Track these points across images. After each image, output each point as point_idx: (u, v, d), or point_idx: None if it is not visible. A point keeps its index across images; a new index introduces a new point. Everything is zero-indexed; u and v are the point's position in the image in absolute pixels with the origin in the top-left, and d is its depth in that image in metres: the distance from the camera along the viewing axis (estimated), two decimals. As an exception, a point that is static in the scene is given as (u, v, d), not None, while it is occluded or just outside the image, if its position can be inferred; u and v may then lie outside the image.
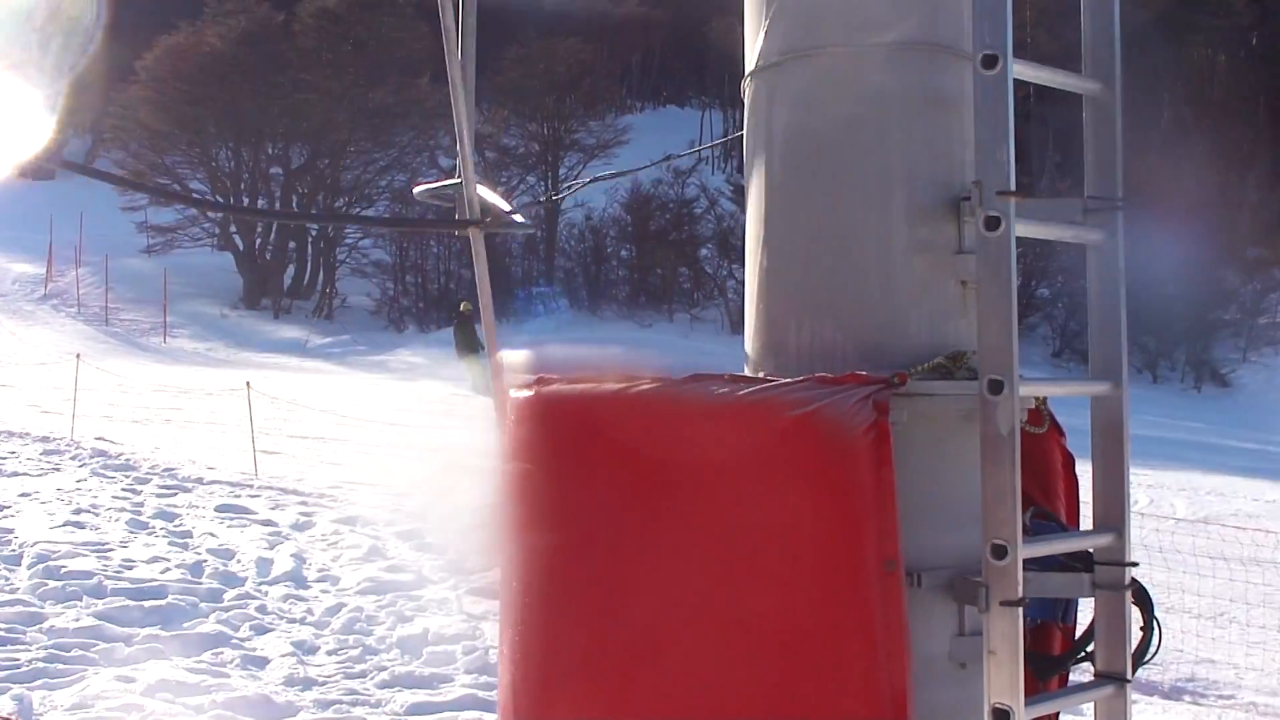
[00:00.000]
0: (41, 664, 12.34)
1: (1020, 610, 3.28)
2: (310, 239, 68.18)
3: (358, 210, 68.53)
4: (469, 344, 39.22)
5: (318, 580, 15.54)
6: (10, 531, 17.55)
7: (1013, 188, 3.31)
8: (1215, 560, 16.14)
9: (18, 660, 12.45)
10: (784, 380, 3.52)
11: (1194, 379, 49.29)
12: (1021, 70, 3.41)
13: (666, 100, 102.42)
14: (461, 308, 38.73)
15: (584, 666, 3.79)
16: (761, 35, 3.93)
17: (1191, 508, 21.92)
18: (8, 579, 15.23)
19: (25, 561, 15.88)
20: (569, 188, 27.12)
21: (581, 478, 3.81)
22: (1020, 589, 3.27)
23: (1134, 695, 11.99)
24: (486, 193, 5.98)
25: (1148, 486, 24.12)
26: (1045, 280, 53.83)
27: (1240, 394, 47.73)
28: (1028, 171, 60.66)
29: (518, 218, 5.85)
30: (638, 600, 3.66)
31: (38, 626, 13.41)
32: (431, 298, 63.94)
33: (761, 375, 3.81)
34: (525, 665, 3.95)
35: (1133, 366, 48.51)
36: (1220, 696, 12.52)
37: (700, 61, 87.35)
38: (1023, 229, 3.37)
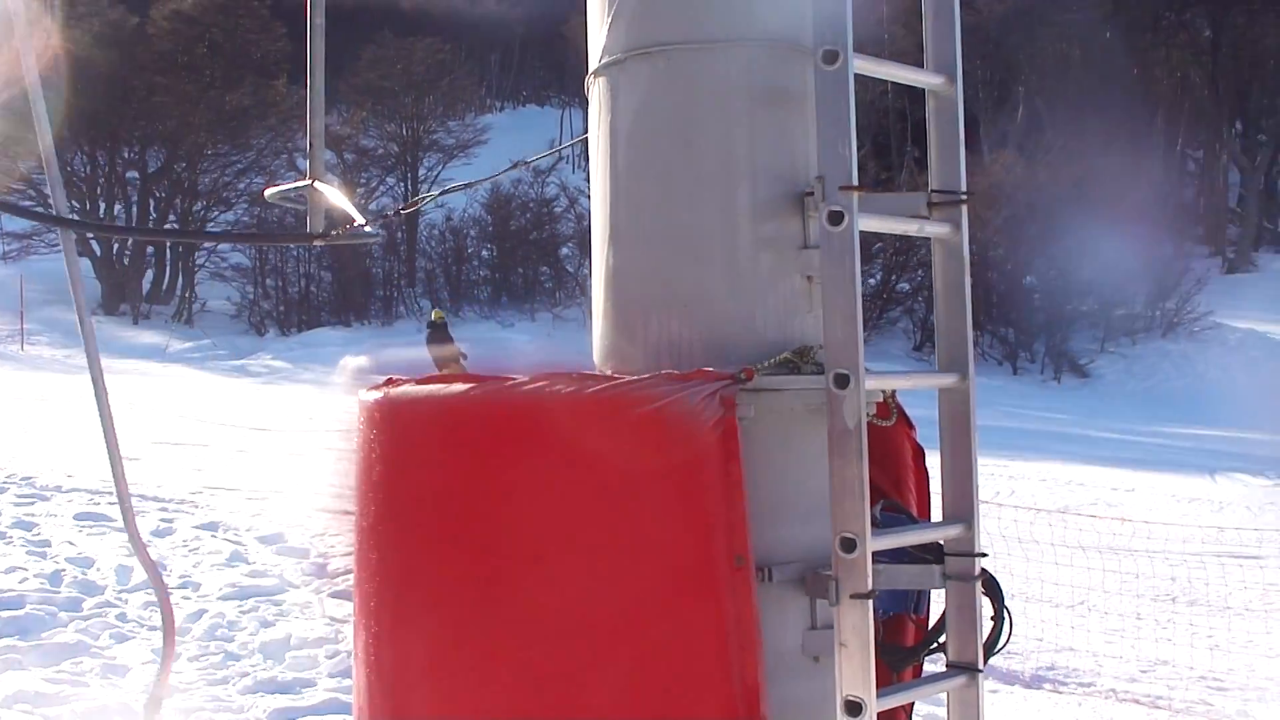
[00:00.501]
0: (-105, 677, 12.14)
1: (871, 603, 3.30)
2: (169, 244, 67.47)
3: (216, 214, 67.97)
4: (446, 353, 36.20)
5: (179, 587, 15.33)
6: None
7: (855, 182, 3.32)
8: (1074, 549, 16.34)
9: None
10: (631, 377, 3.52)
11: (1053, 370, 49.92)
12: (863, 66, 3.43)
13: (526, 100, 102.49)
14: (434, 316, 35.72)
15: (436, 669, 3.78)
16: (604, 32, 3.92)
17: (1051, 497, 22.18)
18: None
19: (-122, 575, 15.61)
20: (421, 199, 27.12)
21: (430, 479, 3.80)
22: (870, 581, 3.29)
23: (994, 685, 12.18)
24: (337, 197, 5.93)
25: (1008, 477, 24.40)
26: (905, 275, 54.26)
27: (1099, 384, 48.40)
28: (887, 166, 61.24)
29: (367, 227, 5.79)
30: (489, 601, 3.64)
31: (-108, 639, 13.18)
32: (292, 301, 63.49)
33: (609, 372, 3.81)
34: (378, 668, 3.92)
35: (992, 359, 49.41)
36: (1080, 684, 12.65)
37: (559, 60, 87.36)
38: (866, 223, 3.39)
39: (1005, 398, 42.37)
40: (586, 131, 4.16)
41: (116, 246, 66.45)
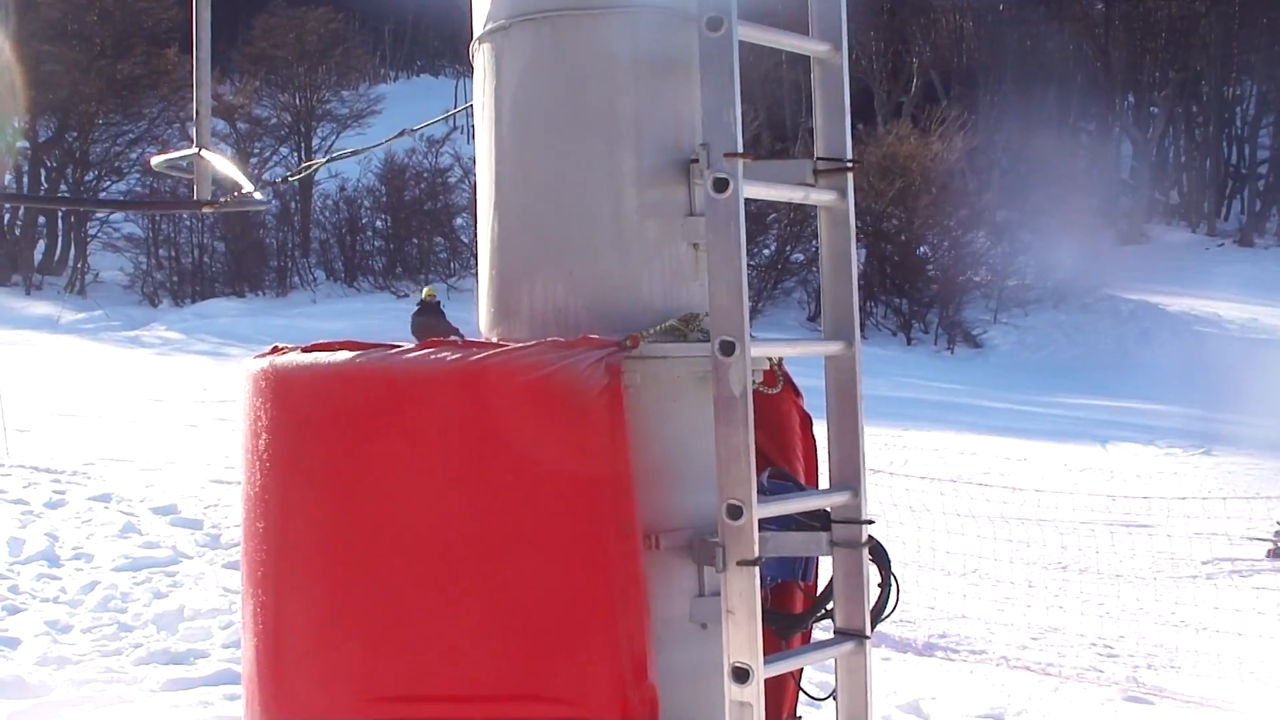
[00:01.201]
0: None
1: (757, 569, 3.30)
2: (60, 214, 66.72)
3: (108, 184, 67.21)
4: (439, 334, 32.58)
5: (71, 559, 15.19)
6: None
7: (740, 149, 3.32)
8: (966, 518, 16.45)
9: None
10: (517, 345, 3.51)
11: (947, 341, 50.22)
12: (747, 32, 3.43)
13: (420, 70, 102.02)
14: (425, 294, 32.94)
15: (320, 637, 3.76)
16: (489, -2, 3.90)
17: (944, 467, 22.32)
18: None
19: None
20: (309, 165, 26.80)
21: (314, 448, 3.77)
22: (756, 548, 3.30)
23: (887, 653, 12.25)
24: (225, 166, 5.89)
25: (901, 447, 24.54)
26: (800, 245, 54.41)
27: (991, 355, 48.79)
28: (781, 137, 61.34)
29: (256, 194, 5.75)
30: (380, 568, 3.63)
31: None
32: (185, 271, 62.91)
33: (495, 340, 3.80)
34: (265, 636, 3.91)
35: (886, 329, 49.68)
36: (972, 652, 12.75)
37: (454, 30, 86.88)
38: (751, 190, 3.39)
39: (899, 368, 42.63)
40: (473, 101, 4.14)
41: (8, 217, 65.64)
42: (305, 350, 3.85)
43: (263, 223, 61.19)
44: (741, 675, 3.29)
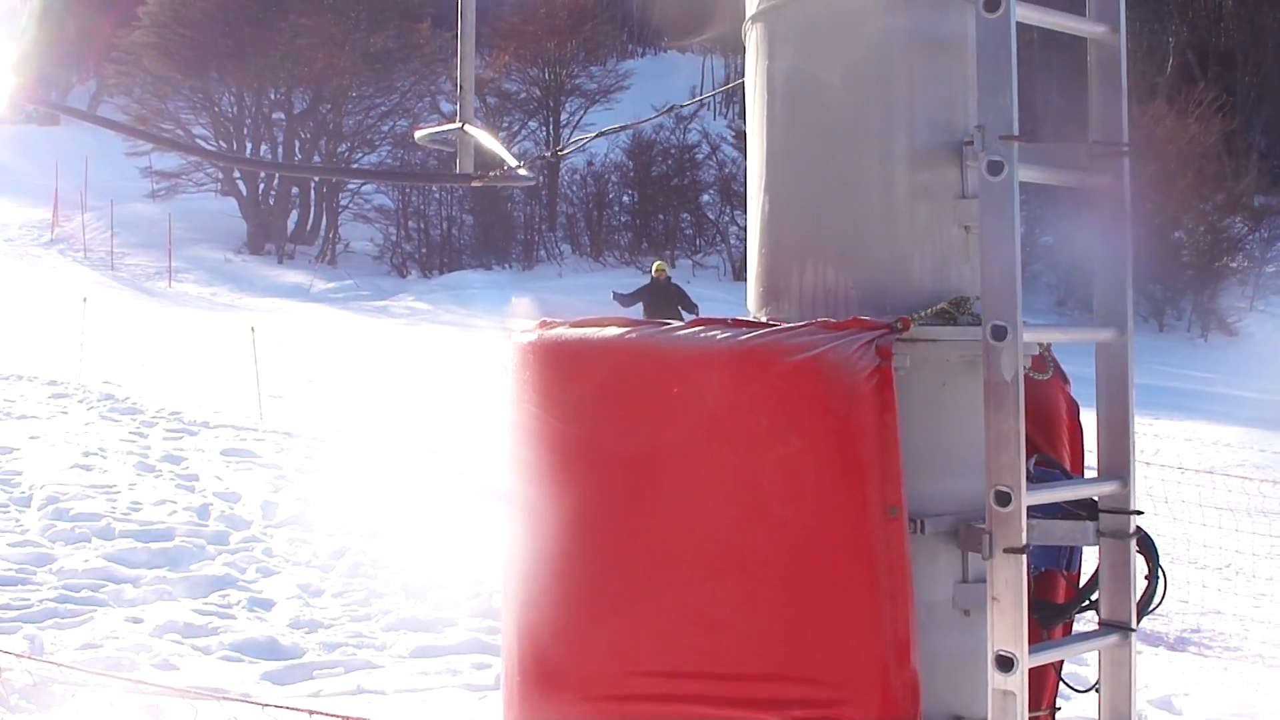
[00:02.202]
0: (52, 604, 12.37)
1: (1024, 557, 3.27)
2: (314, 185, 67.98)
3: (359, 156, 68.27)
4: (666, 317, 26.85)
5: (322, 523, 15.54)
6: (19, 474, 17.55)
7: (1016, 132, 3.28)
8: (1221, 511, 16.11)
9: (28, 600, 12.48)
10: (787, 325, 3.50)
11: (1200, 328, 49.14)
12: (1025, 14, 3.38)
13: (667, 46, 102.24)
14: (655, 270, 30.56)
15: (588, 609, 3.79)
16: (764, -23, 3.90)
17: (1197, 457, 21.90)
18: (18, 520, 15.25)
19: (35, 503, 15.89)
20: (574, 142, 26.93)
21: (583, 421, 3.80)
22: (1024, 536, 3.26)
23: (1138, 646, 12.03)
24: (489, 140, 5.94)
25: (1153, 436, 24.10)
26: (1048, 228, 53.66)
27: (1247, 343, 47.60)
28: (1030, 117, 60.35)
29: (522, 170, 5.81)
30: (643, 543, 3.66)
31: (47, 567, 13.44)
32: (434, 243, 63.80)
33: (763, 319, 3.80)
34: (531, 608, 3.95)
35: (1139, 315, 48.39)
36: (1226, 648, 12.51)
37: (701, 7, 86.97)
38: (1026, 174, 3.35)
39: (1151, 355, 41.83)
40: (728, 79, 4.13)
41: (262, 187, 67.09)
42: (573, 325, 3.88)
43: (510, 197, 61.81)
44: (1006, 664, 3.26)
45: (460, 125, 5.85)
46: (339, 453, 19.79)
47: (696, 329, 3.59)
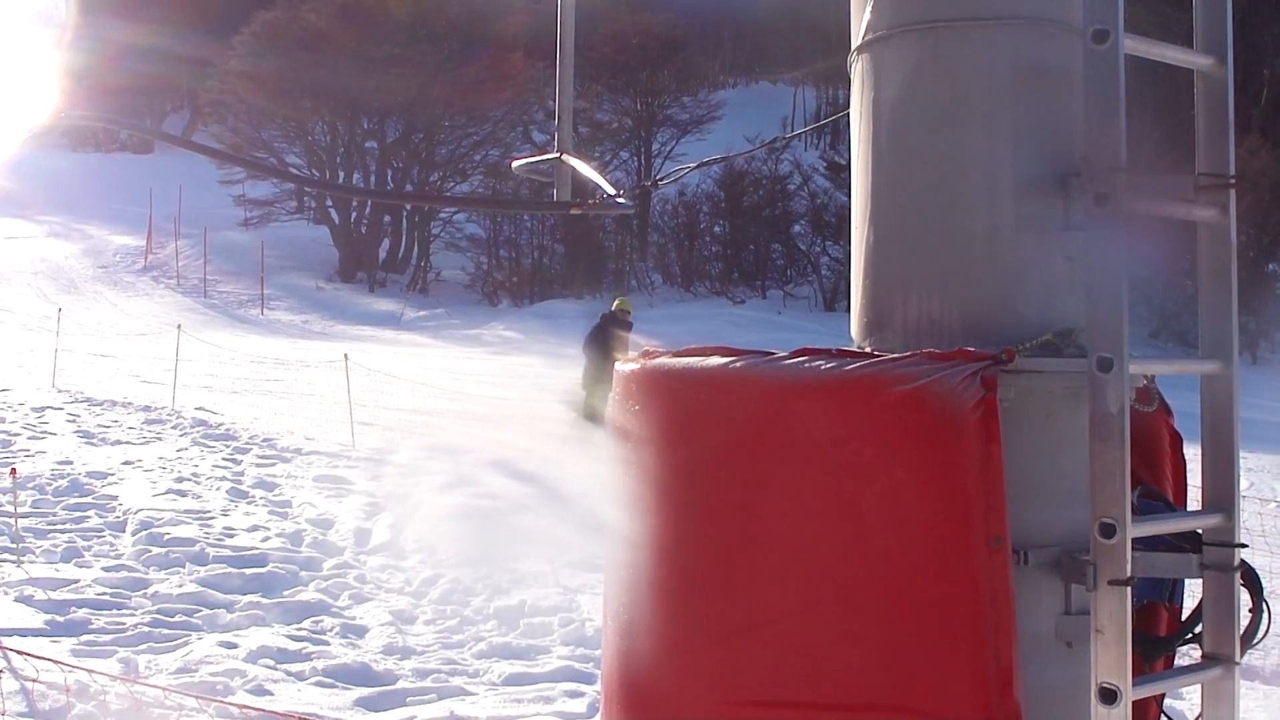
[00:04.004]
0: (146, 628, 12.51)
1: (1129, 590, 3.26)
2: (405, 213, 68.39)
3: (452, 185, 68.72)
4: (604, 355, 24.72)
5: (415, 550, 15.62)
6: (114, 499, 17.78)
7: (1123, 164, 3.28)
8: (1317, 544, 15.99)
9: (123, 625, 12.62)
10: (891, 355, 3.51)
11: (1294, 360, 48.72)
12: (1133, 45, 3.39)
13: (759, 76, 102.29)
14: (615, 306, 27.41)
15: (688, 640, 3.80)
16: (869, 9, 3.91)
17: (1291, 490, 21.71)
18: (113, 545, 15.44)
19: (129, 528, 16.09)
20: (674, 172, 26.81)
21: (687, 451, 3.82)
22: (1129, 568, 3.25)
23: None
24: (586, 170, 5.98)
25: (1247, 469, 23.88)
26: (1143, 260, 53.34)
27: (1340, 375, 47.16)
28: (1130, 150, 60.07)
29: (620, 199, 5.84)
30: (742, 574, 3.66)
31: (142, 592, 13.59)
32: (525, 272, 64.11)
33: (868, 350, 3.81)
34: (630, 638, 3.96)
35: (1232, 346, 48.34)
36: (1321, 681, 12.41)
37: (792, 38, 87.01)
38: (1132, 205, 3.35)
39: (1244, 387, 40.90)
40: (820, 109, 4.16)
41: (354, 215, 67.57)
42: (677, 355, 3.90)
43: (602, 226, 62.06)
44: (1109, 696, 3.25)
45: (558, 154, 5.89)
46: (431, 479, 19.86)
47: (801, 359, 3.60)
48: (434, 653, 12.20)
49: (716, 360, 3.75)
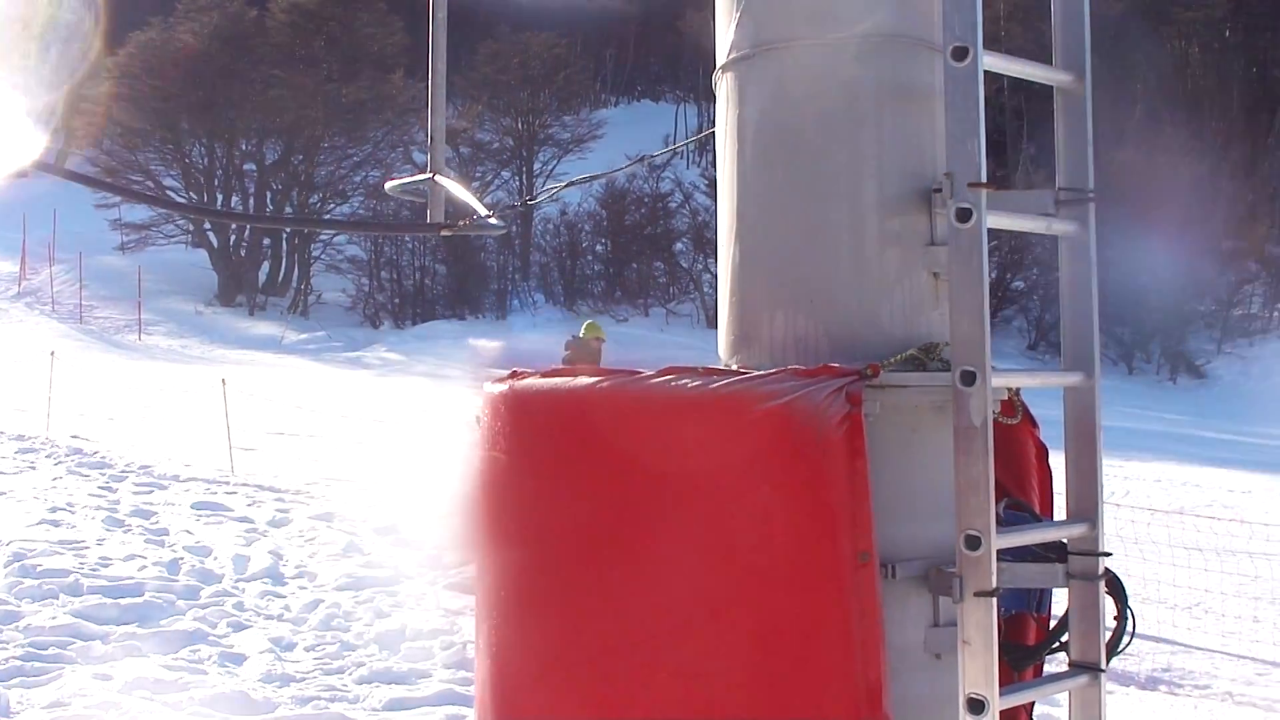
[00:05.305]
0: (18, 662, 12.28)
1: (995, 600, 3.29)
2: (285, 236, 68.04)
3: (332, 207, 68.44)
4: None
5: (295, 577, 15.50)
6: (-15, 531, 17.51)
7: (984, 179, 3.31)
8: (1191, 551, 16.21)
9: (-6, 659, 12.41)
10: (757, 372, 3.52)
11: (1169, 371, 49.45)
12: (992, 62, 3.42)
13: (641, 95, 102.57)
14: (583, 331, 24.54)
15: (559, 661, 3.80)
16: (732, 28, 3.93)
17: (1167, 498, 22.01)
18: (-17, 578, 15.19)
19: (1, 560, 15.81)
20: (546, 190, 26.76)
21: (555, 471, 3.82)
22: (994, 579, 3.28)
23: (1110, 686, 12.01)
24: (459, 191, 5.98)
25: (1123, 478, 24.21)
26: (1020, 273, 53.92)
27: (1215, 385, 47.90)
28: (1001, 164, 60.82)
29: (492, 219, 5.83)
30: (612, 593, 3.67)
31: (14, 625, 13.34)
32: (407, 294, 63.95)
33: (735, 367, 3.83)
34: (501, 660, 3.96)
35: (1108, 358, 48.89)
36: (1196, 686, 12.55)
37: (674, 55, 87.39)
38: (994, 220, 3.38)
39: (1120, 398, 42.04)
40: (701, 127, 4.17)
41: (233, 238, 67.13)
42: (545, 375, 3.91)
43: (484, 246, 62.04)
44: (977, 707, 3.27)
45: (431, 175, 5.88)
46: (311, 505, 19.76)
47: (668, 377, 3.61)
48: (314, 679, 12.09)
49: (584, 380, 3.75)
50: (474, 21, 68.72)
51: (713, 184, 62.54)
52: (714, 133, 4.07)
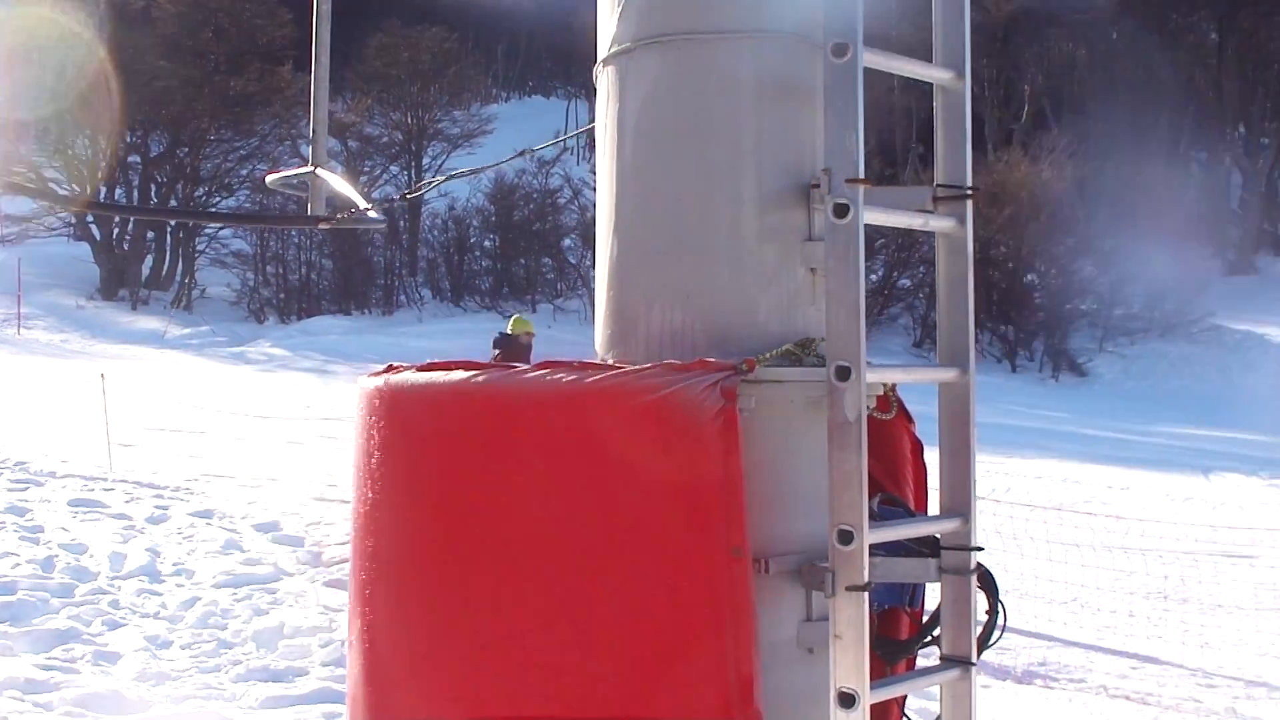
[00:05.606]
0: (-119, 662, 12.09)
1: (866, 595, 3.30)
2: (169, 229, 67.33)
3: (217, 200, 67.77)
4: None
5: (172, 574, 15.29)
6: None
7: (861, 175, 3.32)
8: (1068, 546, 16.37)
9: None
10: (633, 367, 3.52)
11: (1052, 369, 49.89)
12: (872, 59, 3.43)
13: (532, 90, 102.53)
14: (510, 327, 24.44)
15: (430, 655, 3.78)
16: (615, 20, 3.93)
17: (1046, 495, 22.17)
18: None
19: None
20: (426, 184, 26.71)
21: (433, 465, 3.80)
22: (866, 574, 3.29)
23: (986, 680, 12.16)
24: (340, 184, 5.94)
25: (1004, 474, 24.40)
26: (907, 271, 54.27)
27: (1096, 383, 48.40)
28: (890, 162, 61.21)
29: (371, 212, 5.80)
30: (484, 587, 3.65)
31: (-122, 624, 13.12)
32: (293, 288, 63.44)
33: (610, 361, 3.82)
34: (373, 654, 3.93)
35: (991, 356, 49.33)
36: (1071, 680, 12.65)
37: (566, 51, 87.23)
38: (871, 216, 3.39)
39: (1003, 395, 42.37)
40: (593, 122, 4.15)
41: (116, 231, 66.35)
42: (420, 369, 3.88)
43: (370, 241, 61.60)
44: (848, 700, 3.29)
45: (312, 169, 5.84)
46: (190, 502, 19.56)
47: (543, 371, 3.60)
48: (190, 678, 11.92)
49: (460, 374, 3.73)
50: (365, 14, 68.42)
51: (602, 180, 62.70)
52: (583, 131, 4.06)
